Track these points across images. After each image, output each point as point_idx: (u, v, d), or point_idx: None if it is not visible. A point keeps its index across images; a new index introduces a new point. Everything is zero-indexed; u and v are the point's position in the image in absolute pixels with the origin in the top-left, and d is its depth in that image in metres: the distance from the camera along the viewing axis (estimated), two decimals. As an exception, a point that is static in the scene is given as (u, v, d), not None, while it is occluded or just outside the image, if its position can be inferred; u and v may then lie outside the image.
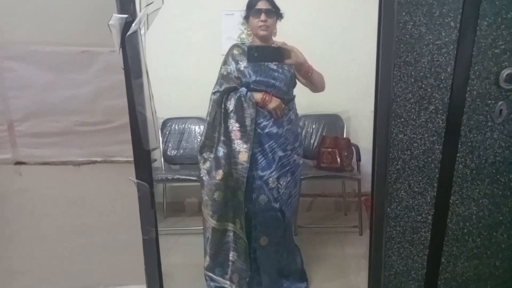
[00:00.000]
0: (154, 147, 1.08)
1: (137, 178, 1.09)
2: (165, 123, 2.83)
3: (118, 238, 1.67)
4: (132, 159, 1.28)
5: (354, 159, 2.64)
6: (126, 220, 1.56)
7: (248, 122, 1.74)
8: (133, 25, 0.95)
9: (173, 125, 2.82)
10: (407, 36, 1.12)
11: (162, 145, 2.79)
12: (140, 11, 1.05)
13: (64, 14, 1.41)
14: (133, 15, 1.03)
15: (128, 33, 0.97)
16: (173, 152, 2.80)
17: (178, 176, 2.58)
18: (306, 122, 2.80)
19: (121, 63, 1.14)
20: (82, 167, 1.63)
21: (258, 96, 1.74)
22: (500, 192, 1.27)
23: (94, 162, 1.64)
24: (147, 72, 1.06)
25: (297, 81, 1.88)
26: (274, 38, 1.83)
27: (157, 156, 2.79)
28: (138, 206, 1.12)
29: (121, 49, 1.00)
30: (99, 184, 1.64)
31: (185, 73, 2.75)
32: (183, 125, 2.82)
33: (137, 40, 0.99)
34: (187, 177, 2.50)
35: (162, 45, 2.69)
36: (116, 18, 1.03)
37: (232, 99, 1.75)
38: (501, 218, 1.30)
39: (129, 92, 1.03)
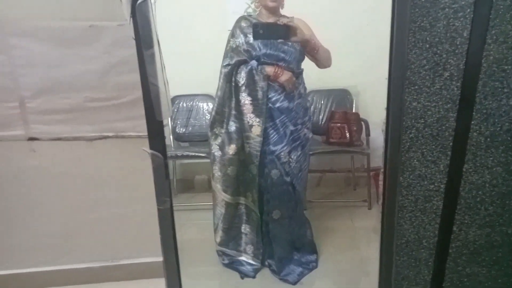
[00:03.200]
0: (167, 117, 1.08)
1: (151, 149, 1.09)
2: (173, 100, 2.83)
3: (132, 212, 1.70)
4: (143, 134, 1.28)
5: (363, 134, 2.63)
6: (139, 194, 1.59)
7: (260, 95, 1.73)
8: (143, -8, 0.94)
9: (181, 103, 2.82)
10: (423, 0, 1.09)
11: (171, 122, 2.79)
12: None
13: (70, -13, 1.40)
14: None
15: (138, 1, 0.95)
16: (182, 129, 2.81)
17: (187, 153, 2.60)
18: (314, 98, 2.78)
19: (129, 36, 1.13)
20: (95, 142, 1.65)
21: (269, 69, 1.73)
22: (514, 160, 1.26)
23: (106, 138, 1.65)
24: (158, 42, 1.05)
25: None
26: (281, 11, 1.80)
27: (166, 133, 2.80)
28: (153, 177, 1.13)
29: (131, 18, 0.98)
30: (112, 159, 1.66)
31: (191, 49, 2.72)
32: (191, 103, 2.81)
33: (148, 9, 0.97)
34: (196, 154, 2.52)
35: (167, 22, 2.66)
36: (126, -13, 1.01)
37: (243, 72, 1.73)
38: (514, 185, 1.29)
39: (141, 63, 1.02)
